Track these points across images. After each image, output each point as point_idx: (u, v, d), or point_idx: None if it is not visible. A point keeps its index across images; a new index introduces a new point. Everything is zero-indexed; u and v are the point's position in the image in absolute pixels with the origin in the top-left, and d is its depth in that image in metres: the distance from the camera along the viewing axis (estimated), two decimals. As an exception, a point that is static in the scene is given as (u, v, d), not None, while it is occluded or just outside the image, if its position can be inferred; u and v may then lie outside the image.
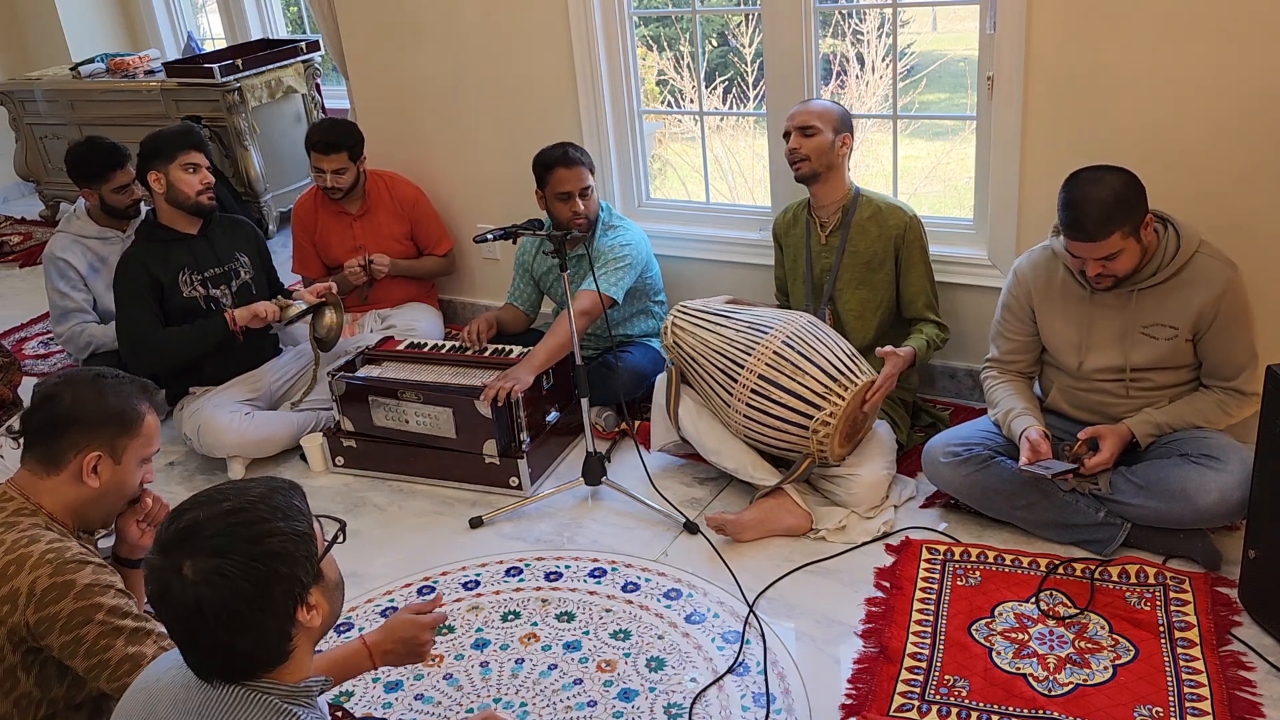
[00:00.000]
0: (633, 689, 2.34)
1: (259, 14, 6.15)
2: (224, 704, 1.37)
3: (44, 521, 1.85)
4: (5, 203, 6.76)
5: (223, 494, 1.40)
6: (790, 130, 2.99)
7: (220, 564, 1.32)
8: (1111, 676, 2.24)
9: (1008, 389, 2.72)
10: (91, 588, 1.75)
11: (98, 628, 1.74)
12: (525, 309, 3.61)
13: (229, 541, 1.33)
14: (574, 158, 3.23)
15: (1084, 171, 2.42)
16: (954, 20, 7.07)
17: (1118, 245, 2.38)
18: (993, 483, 2.64)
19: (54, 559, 1.76)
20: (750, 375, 2.74)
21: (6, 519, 1.83)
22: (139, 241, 3.31)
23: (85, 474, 1.87)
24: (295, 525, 1.39)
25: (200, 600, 1.32)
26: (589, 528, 2.94)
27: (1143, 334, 2.52)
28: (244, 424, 3.28)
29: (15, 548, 1.77)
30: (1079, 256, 2.44)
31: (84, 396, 1.89)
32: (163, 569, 1.34)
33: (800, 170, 2.98)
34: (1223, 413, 2.54)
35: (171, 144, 3.24)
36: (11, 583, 1.74)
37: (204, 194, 3.26)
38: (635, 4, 3.62)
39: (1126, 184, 2.37)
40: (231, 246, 3.39)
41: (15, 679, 1.78)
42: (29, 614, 1.73)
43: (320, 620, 1.42)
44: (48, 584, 1.74)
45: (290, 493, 1.44)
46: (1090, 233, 2.36)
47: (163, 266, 3.24)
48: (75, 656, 1.74)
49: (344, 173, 3.73)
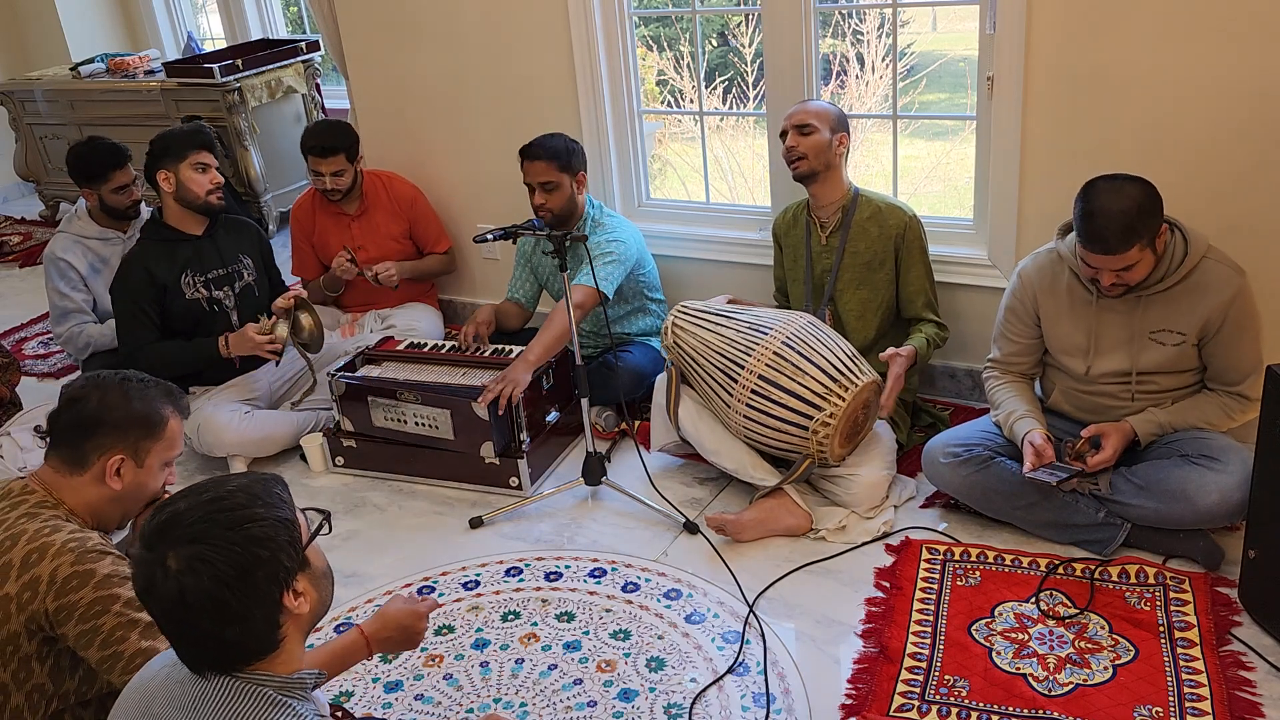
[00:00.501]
0: (633, 689, 2.34)
1: (259, 14, 6.15)
2: (219, 697, 1.38)
3: (64, 514, 1.89)
4: (5, 203, 6.77)
5: (203, 486, 1.42)
6: (787, 129, 2.99)
7: (200, 550, 1.33)
8: (1111, 676, 2.24)
9: (1009, 390, 2.72)
10: (110, 578, 1.78)
11: (115, 618, 1.77)
12: (525, 302, 3.60)
13: (207, 528, 1.35)
14: (536, 150, 3.22)
15: (1102, 181, 2.37)
16: (954, 20, 7.07)
17: (1135, 257, 2.36)
18: (993, 483, 2.64)
19: (76, 548, 1.79)
20: (750, 375, 2.74)
21: (29, 510, 1.87)
22: (143, 241, 3.30)
23: (108, 476, 1.91)
24: (276, 511, 1.40)
25: (184, 590, 1.33)
26: (589, 528, 2.94)
27: (1150, 339, 2.51)
28: (243, 423, 3.28)
29: (38, 536, 1.81)
30: (1094, 266, 2.42)
31: (109, 399, 1.93)
32: (147, 562, 1.35)
33: (798, 169, 2.98)
34: (1226, 416, 2.53)
35: (182, 143, 3.24)
36: (34, 570, 1.77)
37: (214, 194, 3.26)
38: (635, 4, 3.62)
39: (1147, 195, 2.34)
40: (235, 248, 3.39)
41: (30, 669, 1.80)
42: (49, 601, 1.76)
43: (309, 608, 1.43)
44: (69, 572, 1.77)
45: (270, 482, 1.45)
46: (1111, 246, 2.33)
47: (166, 267, 3.24)
48: (90, 647, 1.77)
49: (343, 174, 3.73)
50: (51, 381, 4.21)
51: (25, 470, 3.13)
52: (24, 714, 1.81)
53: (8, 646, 1.77)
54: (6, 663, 1.78)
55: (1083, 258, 2.43)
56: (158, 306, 3.24)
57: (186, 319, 3.28)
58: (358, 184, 3.82)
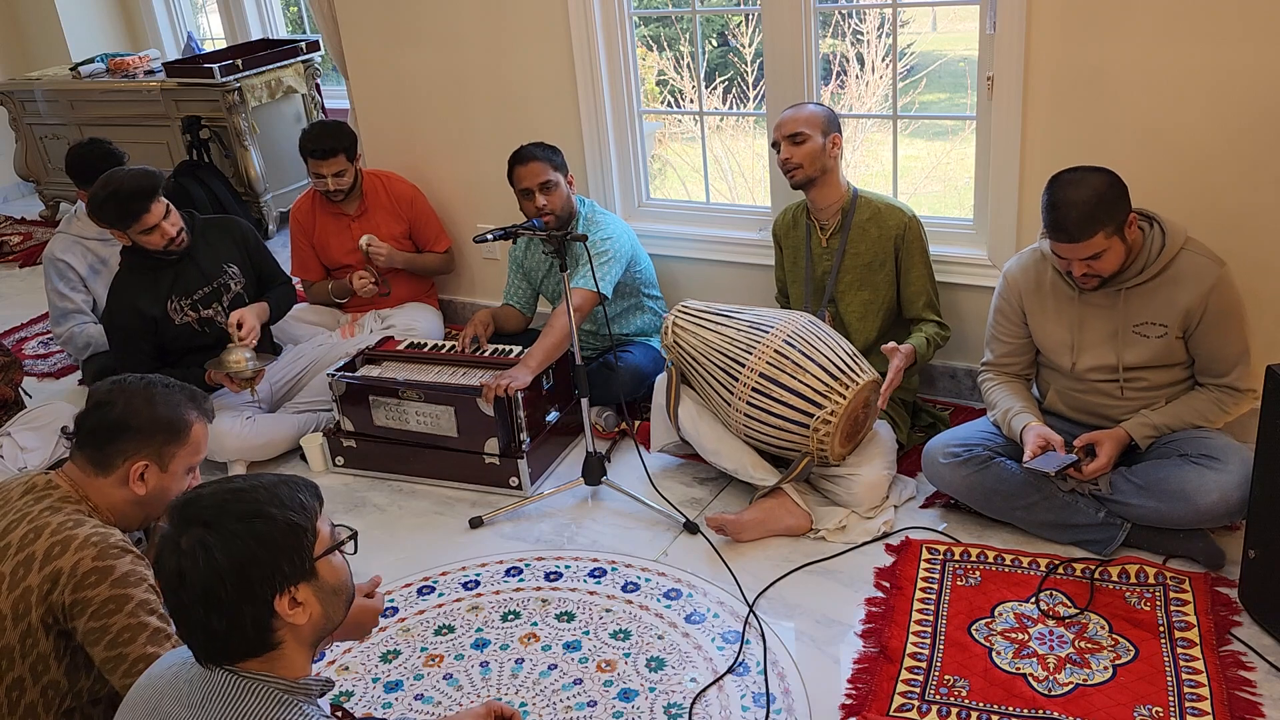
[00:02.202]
0: (633, 689, 2.34)
1: (259, 14, 6.15)
2: (227, 694, 1.38)
3: (88, 510, 1.92)
4: (5, 203, 6.77)
5: (237, 477, 1.46)
6: (779, 140, 2.98)
7: (205, 536, 1.36)
8: (1111, 676, 2.24)
9: (1004, 390, 2.72)
10: (128, 576, 1.80)
11: (126, 618, 1.78)
12: (522, 308, 3.60)
13: (219, 516, 1.37)
14: (529, 154, 3.22)
15: (1065, 173, 2.43)
16: (954, 20, 7.07)
17: (1101, 245, 2.39)
18: (993, 483, 2.64)
19: (99, 542, 1.81)
20: (751, 374, 2.74)
21: (54, 503, 1.89)
22: (124, 271, 3.27)
23: (132, 480, 1.93)
24: (289, 515, 1.40)
25: (183, 571, 1.35)
26: (589, 528, 2.94)
27: (1134, 333, 2.52)
28: (245, 429, 3.28)
29: (61, 529, 1.83)
30: (1064, 257, 2.46)
31: (134, 405, 1.95)
32: (165, 537, 1.39)
33: (795, 178, 2.98)
34: (1220, 410, 2.54)
35: (120, 214, 3.10)
36: (56, 563, 1.79)
37: (172, 243, 3.18)
38: (635, 4, 3.62)
39: (1107, 184, 2.38)
40: (217, 259, 3.35)
41: (46, 665, 1.83)
42: (67, 594, 1.78)
43: (306, 620, 1.42)
44: (90, 566, 1.79)
45: (299, 487, 1.46)
46: (1072, 233, 2.37)
47: (150, 299, 3.22)
48: (98, 645, 1.78)
49: (344, 174, 3.73)
50: (51, 381, 4.22)
51: (25, 470, 3.14)
52: (38, 710, 1.83)
53: (26, 639, 1.79)
54: (25, 655, 1.80)
55: (1052, 249, 2.48)
56: (150, 337, 3.24)
57: (180, 342, 3.28)
58: (359, 183, 3.82)
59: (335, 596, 1.48)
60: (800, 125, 2.94)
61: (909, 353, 2.86)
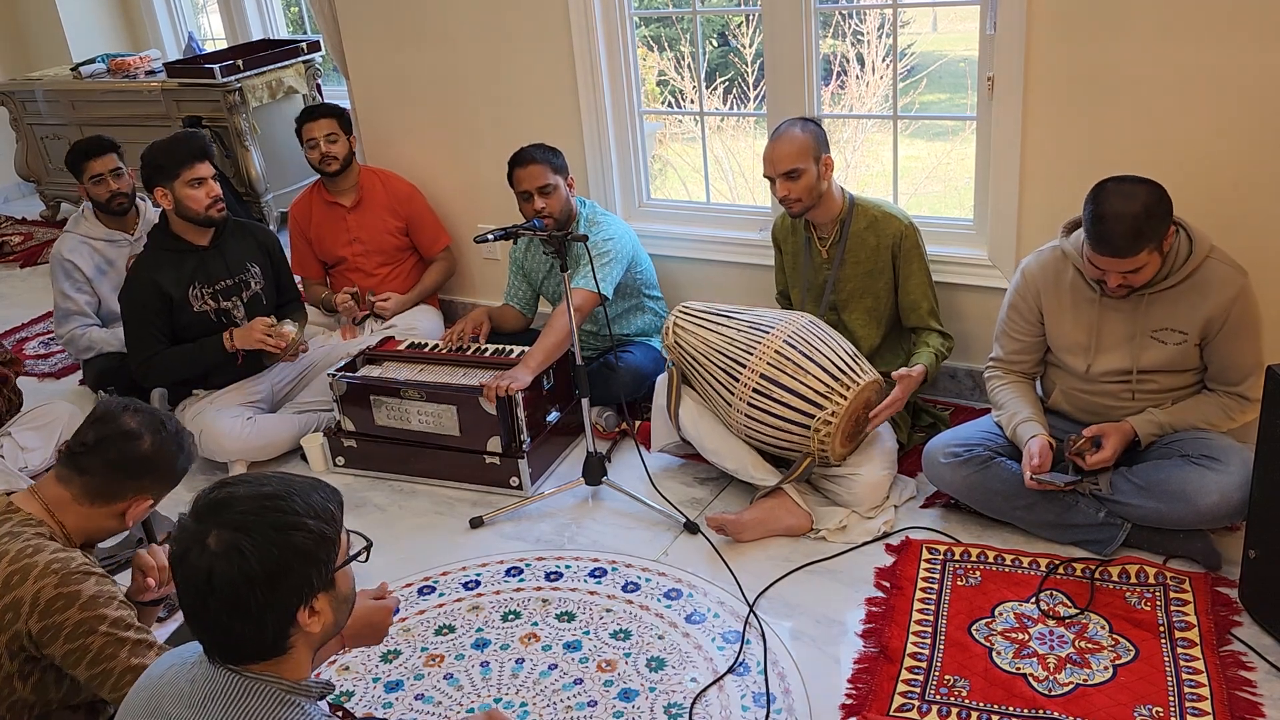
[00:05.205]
0: (633, 689, 2.34)
1: (259, 14, 6.15)
2: (229, 694, 1.39)
3: (48, 532, 1.88)
4: (5, 203, 6.77)
5: (268, 479, 1.43)
6: (773, 177, 2.92)
7: (239, 539, 1.34)
8: (1111, 676, 2.24)
9: (1011, 391, 2.71)
10: (96, 598, 1.78)
11: (103, 638, 1.77)
12: (522, 308, 3.61)
13: (255, 521, 1.36)
14: (528, 156, 3.22)
15: (1111, 183, 2.36)
16: (954, 20, 7.08)
17: (1144, 260, 2.35)
18: (993, 483, 2.64)
19: (59, 569, 1.79)
20: (752, 374, 2.74)
21: (12, 529, 1.86)
22: (150, 250, 3.27)
23: (130, 515, 1.93)
24: (323, 527, 1.41)
25: (212, 571, 1.34)
26: (589, 528, 2.94)
27: (1152, 338, 2.51)
28: (246, 429, 3.28)
29: (20, 557, 1.80)
30: (1101, 269, 2.41)
31: (166, 450, 1.95)
32: (191, 533, 1.37)
33: (794, 210, 2.94)
34: (1226, 416, 2.53)
35: (173, 159, 3.13)
36: (15, 592, 1.77)
37: (213, 207, 3.17)
38: (635, 4, 3.62)
39: (1157, 198, 2.33)
40: (243, 256, 3.35)
41: (12, 687, 1.81)
42: (32, 623, 1.76)
43: (319, 628, 1.43)
44: (53, 594, 1.76)
45: (330, 497, 1.46)
46: (1119, 248, 2.32)
47: (173, 280, 3.20)
48: (79, 665, 1.77)
49: (336, 139, 3.73)
50: (52, 381, 4.22)
51: (26, 470, 3.14)
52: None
53: None
54: None
55: (1090, 259, 2.42)
56: (166, 319, 3.21)
57: (195, 330, 3.26)
58: (353, 163, 3.82)
59: (345, 604, 1.50)
60: (795, 161, 2.86)
61: (919, 376, 2.84)
